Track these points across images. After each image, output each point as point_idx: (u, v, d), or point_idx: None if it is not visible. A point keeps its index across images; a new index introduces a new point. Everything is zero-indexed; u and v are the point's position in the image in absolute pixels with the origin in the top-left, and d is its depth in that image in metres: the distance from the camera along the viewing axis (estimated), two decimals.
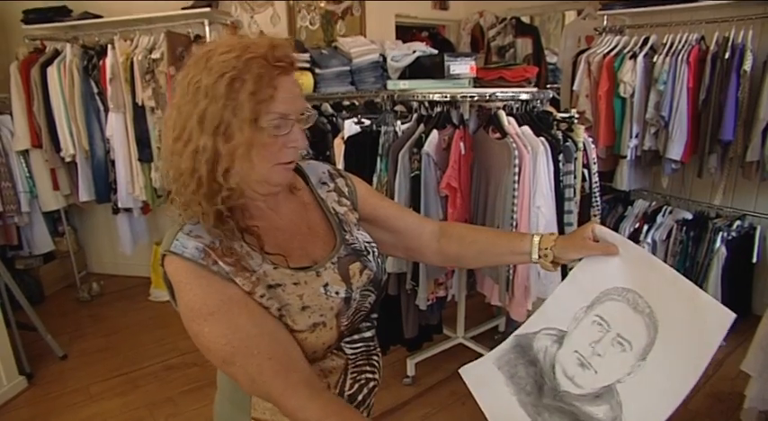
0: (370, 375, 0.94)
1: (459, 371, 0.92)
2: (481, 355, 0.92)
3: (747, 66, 2.60)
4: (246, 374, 0.76)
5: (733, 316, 0.71)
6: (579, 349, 0.80)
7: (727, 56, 2.65)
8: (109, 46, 3.19)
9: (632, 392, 0.73)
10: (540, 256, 0.93)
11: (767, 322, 1.58)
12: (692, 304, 0.74)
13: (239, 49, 0.76)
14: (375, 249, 0.96)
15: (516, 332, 0.90)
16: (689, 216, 3.12)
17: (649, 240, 3.09)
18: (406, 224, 1.05)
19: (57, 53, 3.28)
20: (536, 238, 0.94)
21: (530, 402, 0.80)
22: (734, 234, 2.93)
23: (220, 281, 0.76)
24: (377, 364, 0.97)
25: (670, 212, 3.19)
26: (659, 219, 3.16)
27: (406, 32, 4.58)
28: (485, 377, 0.88)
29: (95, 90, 3.27)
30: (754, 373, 1.58)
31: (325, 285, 0.85)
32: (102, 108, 3.31)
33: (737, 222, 2.97)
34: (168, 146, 0.78)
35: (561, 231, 2.19)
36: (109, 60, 3.17)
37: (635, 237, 3.17)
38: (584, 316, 0.82)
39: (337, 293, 0.85)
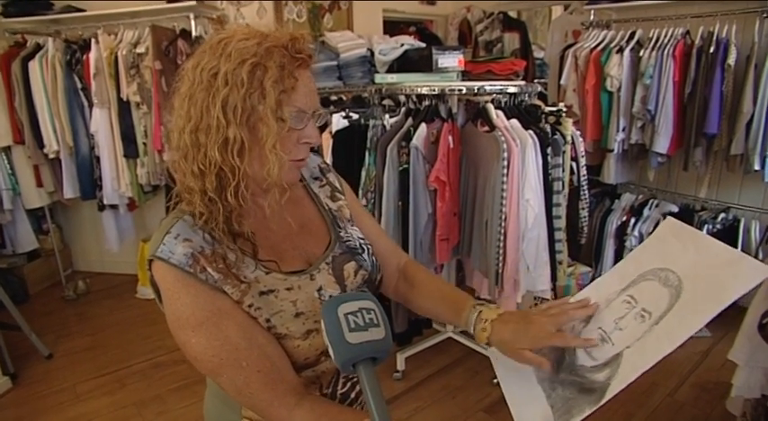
0: None
1: (489, 350, 0.92)
2: (471, 349, 0.92)
3: (731, 60, 2.63)
4: (234, 385, 0.75)
5: None
6: (603, 325, 0.81)
7: (711, 50, 2.68)
8: (92, 40, 3.14)
9: (634, 353, 0.74)
10: (476, 328, 0.86)
11: (753, 312, 1.60)
12: (725, 265, 0.74)
13: (258, 36, 0.73)
14: (369, 247, 0.94)
15: None
16: (675, 209, 3.16)
17: (636, 233, 3.12)
18: (378, 249, 1.00)
19: (38, 47, 3.22)
20: (477, 310, 0.87)
21: (547, 378, 0.82)
22: (719, 226, 2.97)
23: (209, 290, 0.73)
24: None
25: (656, 205, 3.22)
26: (646, 212, 3.19)
27: (393, 27, 4.57)
28: None
29: (79, 85, 3.22)
30: (740, 362, 1.60)
31: (319, 289, 0.83)
32: (86, 103, 3.26)
33: (722, 215, 3.01)
34: (186, 137, 0.73)
35: (550, 223, 2.21)
36: (93, 55, 3.12)
37: (622, 230, 3.20)
38: (617, 297, 0.83)
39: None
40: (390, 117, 2.32)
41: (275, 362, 0.76)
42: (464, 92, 2.21)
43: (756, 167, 2.65)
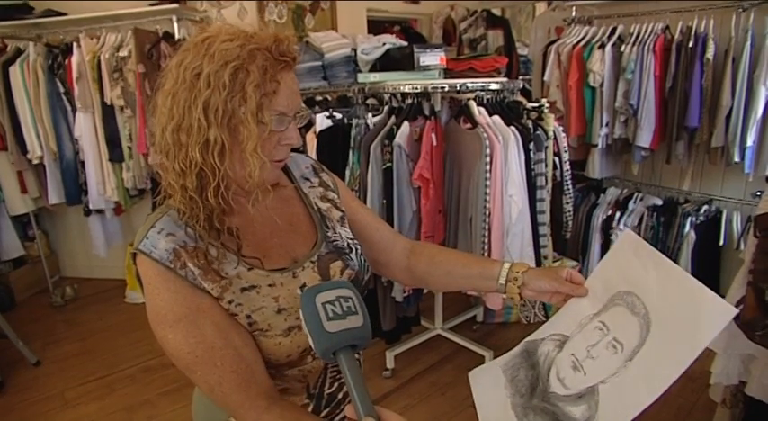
0: None
1: (469, 374, 0.92)
2: (459, 346, 0.91)
3: (710, 54, 2.66)
4: (207, 384, 0.75)
5: (734, 311, 0.70)
6: (575, 352, 0.80)
7: (690, 44, 2.71)
8: (74, 44, 3.13)
9: (611, 392, 0.73)
10: (508, 280, 0.90)
11: (729, 300, 1.61)
12: (692, 302, 0.73)
13: (242, 38, 0.73)
14: (358, 247, 0.94)
15: (527, 338, 0.89)
16: (659, 202, 3.19)
17: (621, 227, 3.15)
18: (380, 236, 1.03)
19: (19, 52, 3.20)
20: (507, 264, 0.92)
21: (520, 404, 0.81)
22: (702, 218, 3.00)
23: (189, 287, 0.74)
24: (357, 360, 0.96)
25: (641, 199, 3.25)
26: (631, 205, 3.22)
27: (378, 27, 4.58)
28: (488, 380, 0.89)
29: (62, 90, 3.20)
30: (718, 350, 1.62)
31: (303, 286, 0.83)
32: (69, 108, 3.24)
33: (705, 207, 3.05)
34: (168, 135, 0.74)
35: (534, 219, 2.23)
36: (75, 59, 3.10)
37: (608, 224, 3.23)
38: (589, 322, 0.82)
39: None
40: (373, 116, 2.33)
41: (250, 365, 0.77)
42: (446, 89, 2.22)
43: (736, 159, 2.69)
